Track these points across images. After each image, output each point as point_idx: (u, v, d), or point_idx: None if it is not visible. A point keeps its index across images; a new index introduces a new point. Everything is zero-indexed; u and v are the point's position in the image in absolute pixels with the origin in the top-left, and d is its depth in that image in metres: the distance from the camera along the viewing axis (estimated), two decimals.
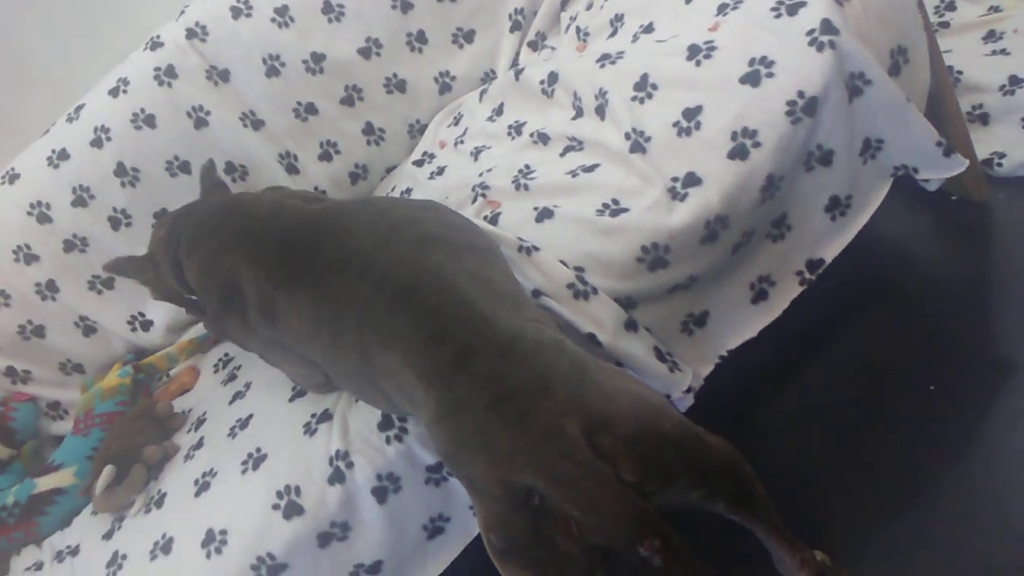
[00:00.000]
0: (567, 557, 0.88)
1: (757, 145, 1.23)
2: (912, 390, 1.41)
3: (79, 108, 1.87)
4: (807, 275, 1.35)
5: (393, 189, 1.87)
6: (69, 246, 1.87)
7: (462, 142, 1.80)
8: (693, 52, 1.33)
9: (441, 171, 1.77)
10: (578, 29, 1.73)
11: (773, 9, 1.29)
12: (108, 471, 1.48)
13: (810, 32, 1.24)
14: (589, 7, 1.79)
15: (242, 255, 1.29)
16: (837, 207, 1.34)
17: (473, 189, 1.53)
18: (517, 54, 1.94)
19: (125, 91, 1.84)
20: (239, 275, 1.29)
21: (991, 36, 1.85)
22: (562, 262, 1.29)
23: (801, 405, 1.50)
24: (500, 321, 1.00)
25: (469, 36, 1.95)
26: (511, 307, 1.05)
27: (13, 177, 1.87)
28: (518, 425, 0.91)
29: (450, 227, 1.20)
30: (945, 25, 1.97)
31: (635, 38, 1.50)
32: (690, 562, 0.85)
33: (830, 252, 1.36)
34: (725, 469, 0.99)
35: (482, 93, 1.85)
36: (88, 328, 1.91)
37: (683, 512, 0.93)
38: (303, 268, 1.19)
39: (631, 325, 1.26)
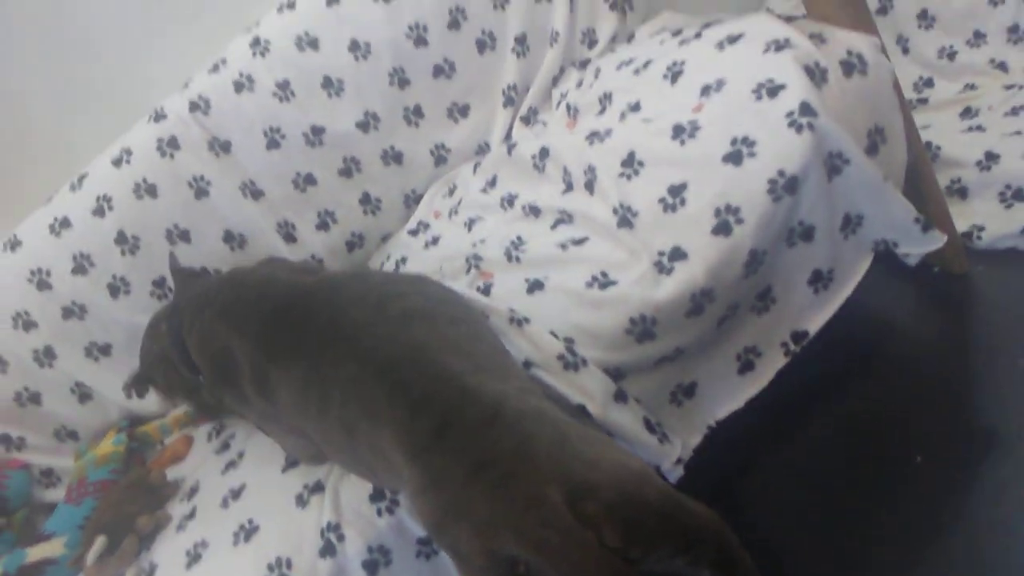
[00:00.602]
0: None
1: (740, 222, 1.27)
2: (897, 461, 1.42)
3: (82, 177, 1.91)
4: (792, 347, 1.38)
5: (388, 258, 1.91)
6: (67, 313, 1.89)
7: (456, 212, 1.84)
8: (678, 132, 1.38)
9: (435, 241, 1.81)
10: (568, 106, 1.79)
11: (754, 91, 1.34)
12: (100, 542, 1.48)
13: (789, 114, 1.28)
14: (579, 85, 1.85)
15: (235, 328, 1.31)
16: (820, 280, 1.37)
17: (467, 260, 1.57)
18: (510, 128, 1.99)
19: (128, 161, 1.88)
20: (233, 347, 1.31)
21: (967, 113, 1.92)
22: (552, 333, 1.31)
23: (787, 475, 1.50)
24: (483, 391, 1.02)
25: (464, 111, 2.01)
26: (496, 378, 1.07)
27: (15, 244, 1.90)
28: (499, 494, 0.91)
29: (436, 301, 1.23)
30: (924, 101, 2.04)
31: (623, 116, 1.55)
32: None
33: (814, 324, 1.38)
34: (709, 536, 0.99)
35: (476, 165, 1.90)
36: (84, 395, 1.92)
37: None
38: (293, 342, 1.22)
39: (620, 396, 1.28)
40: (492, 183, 1.80)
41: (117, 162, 1.89)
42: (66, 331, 1.89)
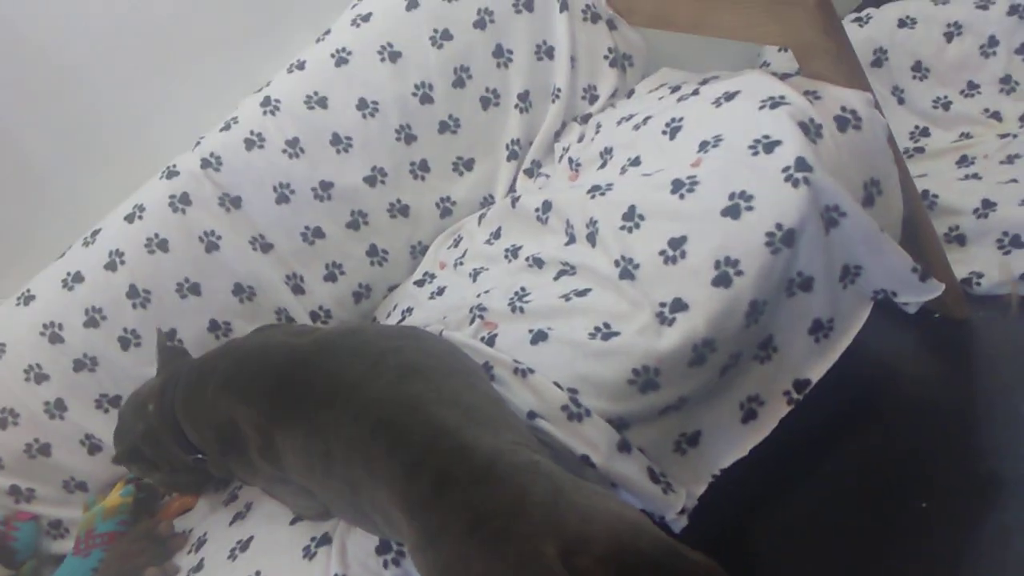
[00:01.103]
0: None
1: (740, 273, 1.29)
2: (903, 506, 1.43)
3: (95, 233, 1.95)
4: (794, 395, 1.39)
5: (395, 308, 1.93)
6: (79, 365, 1.91)
7: (461, 263, 1.87)
8: (677, 186, 1.41)
9: (441, 291, 1.84)
10: (571, 160, 1.83)
11: (751, 147, 1.37)
12: None
13: (785, 169, 1.32)
14: (581, 139, 1.90)
15: (240, 398, 1.32)
16: (820, 330, 1.39)
17: (471, 311, 1.59)
18: (514, 180, 2.04)
19: (140, 217, 1.92)
20: (235, 418, 1.33)
21: (963, 161, 1.95)
22: (556, 384, 1.33)
23: (792, 522, 1.51)
24: (478, 447, 1.03)
25: (469, 164, 2.05)
26: (491, 431, 1.08)
27: (28, 299, 1.93)
28: (495, 550, 0.92)
29: (431, 355, 1.25)
30: (920, 150, 2.08)
31: (623, 170, 1.59)
32: None
33: (816, 372, 1.40)
34: None
35: (481, 217, 1.94)
36: (93, 446, 1.93)
37: None
38: (294, 404, 1.23)
39: (624, 446, 1.29)
40: (496, 235, 1.84)
41: (130, 218, 1.93)
42: (77, 383, 1.91)
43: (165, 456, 1.56)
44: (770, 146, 1.36)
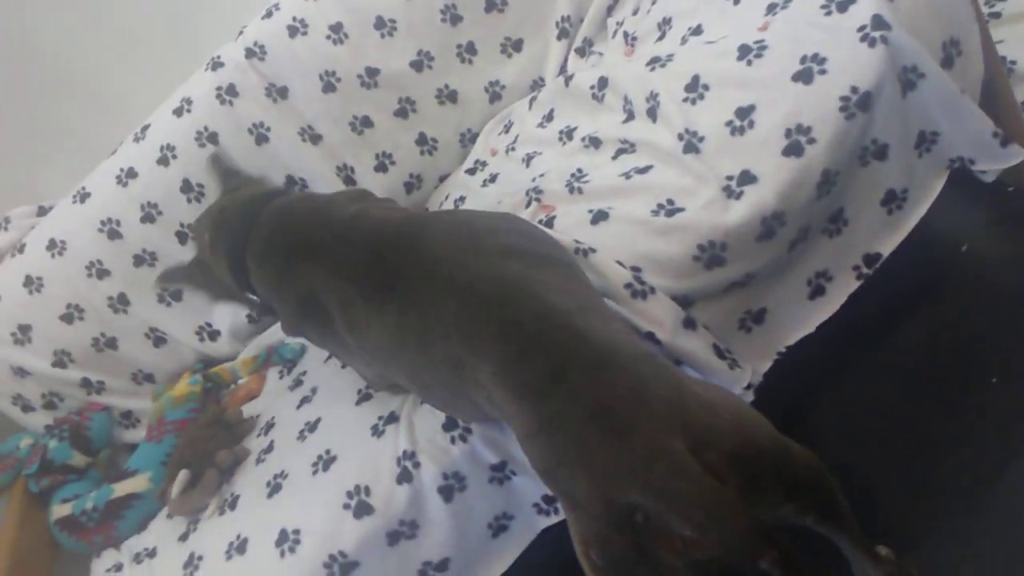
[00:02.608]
0: (671, 573, 0.87)
1: (812, 142, 1.24)
2: (972, 383, 1.40)
3: (145, 128, 1.95)
4: (864, 269, 1.35)
5: (447, 197, 1.91)
6: (139, 261, 1.94)
7: (513, 149, 1.83)
8: (744, 52, 1.34)
9: (493, 178, 1.81)
10: (625, 34, 1.75)
11: (823, 7, 1.29)
12: (183, 475, 1.55)
13: (861, 28, 1.24)
14: (635, 12, 1.81)
15: (324, 266, 1.25)
16: (893, 201, 1.34)
17: (527, 194, 1.56)
18: (565, 61, 1.97)
19: (189, 110, 1.91)
20: (320, 286, 1.26)
21: None
22: (619, 263, 1.30)
23: (858, 399, 1.49)
24: (593, 333, 0.98)
25: (517, 45, 1.99)
26: (601, 319, 1.03)
27: (84, 196, 1.95)
28: (621, 442, 0.88)
29: (530, 239, 1.19)
30: (996, 15, 1.95)
31: (684, 40, 1.52)
32: (807, 574, 0.84)
33: (887, 246, 1.35)
34: (814, 483, 0.98)
35: (532, 100, 1.88)
36: (158, 339, 1.98)
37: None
38: (388, 279, 1.17)
39: (689, 323, 1.28)
40: (549, 117, 1.79)
41: (178, 112, 1.92)
42: (138, 278, 1.95)
43: (213, 283, 1.50)
44: (844, 4, 1.28)
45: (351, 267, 1.22)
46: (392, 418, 1.37)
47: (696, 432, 0.88)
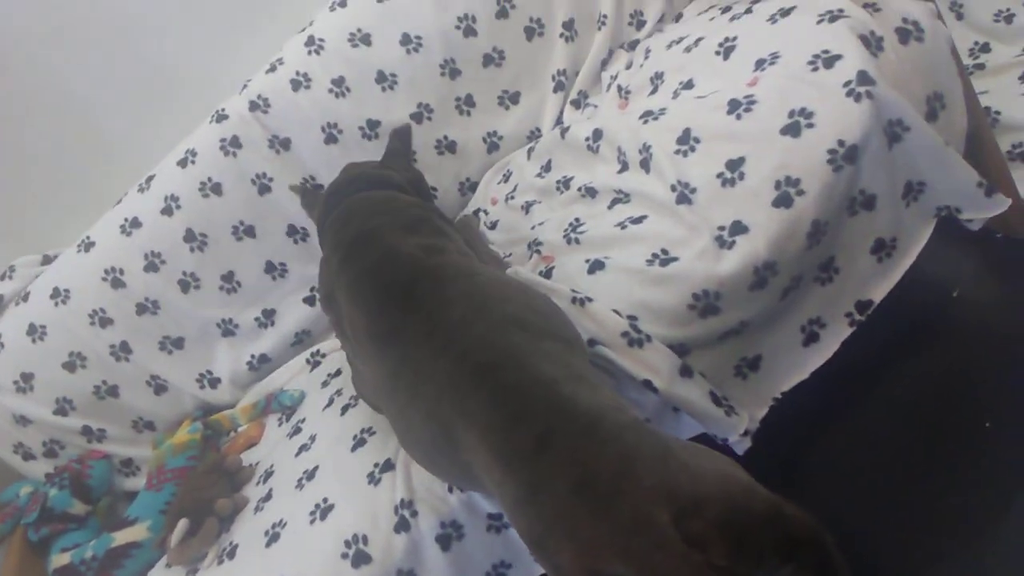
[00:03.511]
0: None
1: (801, 193, 1.27)
2: (966, 428, 1.41)
3: (150, 179, 1.99)
4: (856, 316, 1.37)
5: None
6: (141, 309, 1.96)
7: (512, 197, 1.86)
8: (733, 106, 1.38)
9: (494, 225, 1.84)
10: (619, 88, 1.80)
11: (810, 63, 1.33)
12: (182, 524, 1.55)
13: (847, 83, 1.28)
14: (629, 66, 1.86)
15: (348, 289, 1.34)
16: (883, 249, 1.36)
17: (528, 247, 1.60)
18: (561, 112, 2.01)
19: (193, 161, 1.95)
20: (342, 298, 1.36)
21: None
22: (615, 311, 1.33)
23: (854, 444, 1.50)
24: (580, 401, 0.99)
25: (515, 98, 2.03)
26: (589, 389, 1.04)
27: (89, 245, 1.98)
28: (604, 512, 0.87)
29: (537, 312, 1.21)
30: (980, 67, 2.00)
31: (676, 94, 1.56)
32: None
33: (878, 293, 1.37)
34: (810, 542, 0.95)
35: (529, 151, 1.92)
36: (159, 387, 2.00)
37: None
38: (394, 326, 1.21)
39: (686, 371, 1.29)
40: (547, 167, 1.82)
41: (183, 163, 1.96)
42: (140, 326, 1.97)
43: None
44: (830, 61, 1.32)
45: (369, 301, 1.29)
46: (388, 465, 1.38)
47: (682, 501, 0.87)
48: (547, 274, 1.49)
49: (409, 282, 1.26)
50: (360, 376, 1.49)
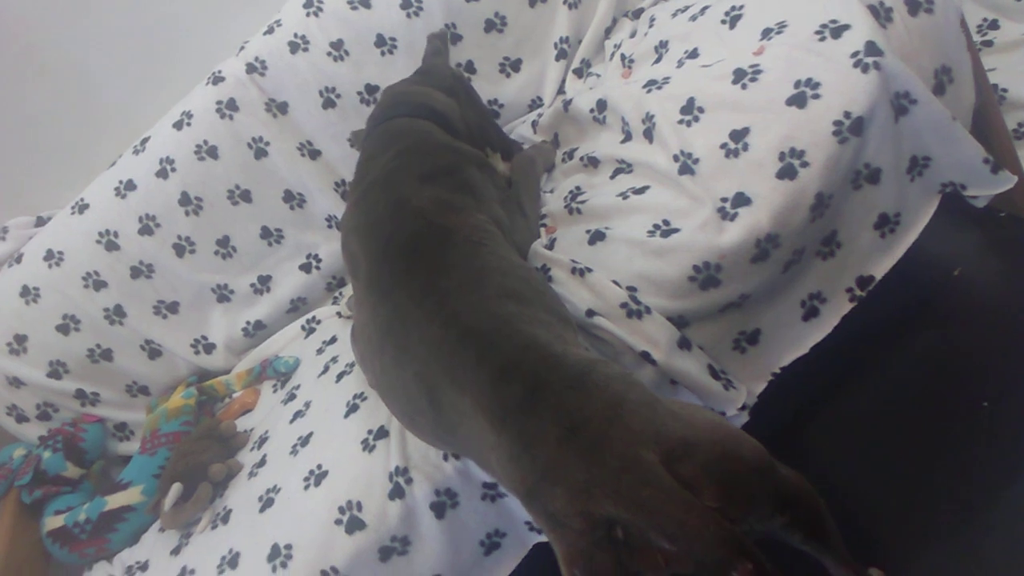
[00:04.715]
0: None
1: (805, 165, 1.25)
2: (963, 406, 1.41)
3: (145, 141, 1.96)
4: (857, 292, 1.36)
5: None
6: (136, 272, 1.95)
7: None
8: (739, 76, 1.36)
9: None
10: (623, 56, 1.77)
11: (817, 32, 1.31)
12: (175, 489, 1.54)
13: (855, 54, 1.26)
14: (633, 35, 1.83)
15: (358, 233, 1.37)
16: (886, 224, 1.35)
17: None
18: (563, 81, 1.99)
19: (189, 124, 1.92)
20: (350, 240, 1.40)
21: None
22: (615, 282, 1.32)
23: (852, 420, 1.50)
24: (569, 357, 1.00)
25: (516, 65, 2.00)
26: (581, 349, 1.05)
27: (83, 207, 1.96)
28: (593, 455, 0.89)
29: (534, 289, 1.21)
30: (988, 44, 1.98)
31: (680, 64, 1.54)
32: None
33: (880, 269, 1.36)
34: (801, 499, 0.98)
35: (534, 124, 1.90)
36: (153, 351, 1.98)
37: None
38: (394, 279, 1.22)
39: (684, 343, 1.29)
40: (555, 142, 1.81)
41: (178, 125, 1.93)
42: (135, 290, 1.95)
43: None
44: (838, 31, 1.30)
45: (372, 252, 1.30)
46: (382, 432, 1.38)
47: (670, 444, 0.88)
48: (550, 246, 1.47)
49: (410, 241, 1.26)
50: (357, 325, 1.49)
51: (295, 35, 1.92)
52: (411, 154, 1.47)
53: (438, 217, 1.30)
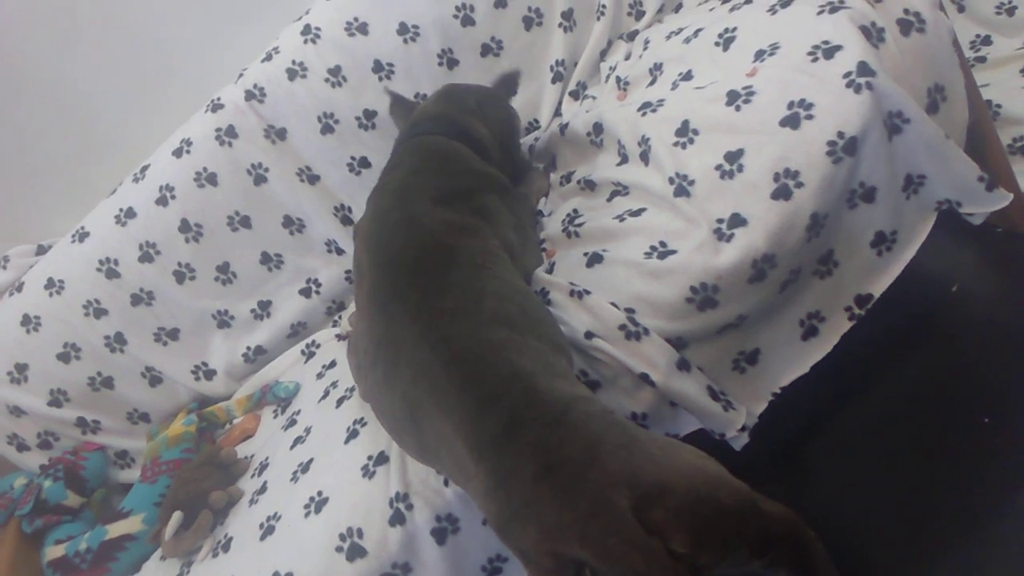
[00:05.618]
0: None
1: (800, 185, 1.26)
2: (964, 423, 1.40)
3: (144, 168, 1.97)
4: (856, 310, 1.36)
5: None
6: (136, 300, 1.95)
7: None
8: (732, 97, 1.37)
9: None
10: (618, 79, 1.78)
11: (810, 54, 1.32)
12: (176, 517, 1.54)
13: (847, 75, 1.27)
14: (628, 57, 1.85)
15: (366, 241, 1.39)
16: (883, 242, 1.35)
17: None
18: (559, 103, 2.00)
19: (188, 151, 1.93)
20: (360, 246, 1.41)
21: None
22: (613, 304, 1.32)
23: (853, 438, 1.49)
24: (552, 392, 1.01)
25: None
26: (568, 383, 1.06)
27: (83, 235, 1.96)
28: (566, 497, 0.89)
29: (530, 317, 1.21)
30: (982, 60, 1.99)
31: (674, 86, 1.55)
32: None
33: (878, 287, 1.36)
34: (786, 537, 0.97)
35: (531, 148, 1.91)
36: (154, 378, 1.99)
37: None
38: (394, 295, 1.23)
39: (683, 365, 1.29)
40: (552, 166, 1.82)
41: (178, 152, 1.94)
42: (135, 317, 1.96)
43: None
44: (830, 52, 1.30)
45: (376, 263, 1.32)
46: (382, 458, 1.37)
47: (643, 488, 0.88)
48: (549, 269, 1.48)
49: (415, 258, 1.27)
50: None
51: (293, 62, 1.94)
52: (434, 174, 1.50)
53: (446, 237, 1.31)
